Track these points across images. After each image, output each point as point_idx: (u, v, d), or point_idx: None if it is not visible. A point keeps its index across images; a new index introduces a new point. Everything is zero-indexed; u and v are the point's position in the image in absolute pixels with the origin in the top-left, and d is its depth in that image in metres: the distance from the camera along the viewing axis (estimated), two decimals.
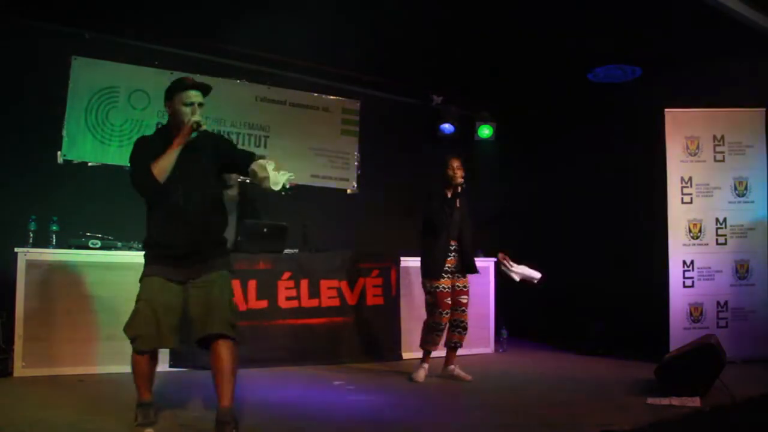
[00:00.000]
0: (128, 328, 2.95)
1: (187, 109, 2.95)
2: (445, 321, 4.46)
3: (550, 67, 6.17)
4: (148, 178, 2.88)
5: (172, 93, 3.03)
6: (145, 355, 2.96)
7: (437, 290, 4.44)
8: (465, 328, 4.58)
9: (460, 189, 4.50)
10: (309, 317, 5.08)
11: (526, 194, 7.29)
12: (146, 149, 2.99)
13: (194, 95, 2.99)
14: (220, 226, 3.15)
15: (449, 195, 4.51)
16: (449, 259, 4.53)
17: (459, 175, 4.50)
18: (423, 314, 4.67)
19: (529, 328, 6.65)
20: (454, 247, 4.56)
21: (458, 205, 4.54)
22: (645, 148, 5.90)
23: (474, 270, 4.67)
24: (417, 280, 4.74)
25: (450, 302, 4.47)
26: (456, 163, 4.54)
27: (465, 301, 4.56)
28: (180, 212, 2.95)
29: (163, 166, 2.88)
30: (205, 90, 3.05)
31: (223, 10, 5.05)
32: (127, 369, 4.27)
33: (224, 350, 2.88)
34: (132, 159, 3.03)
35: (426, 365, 4.52)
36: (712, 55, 5.52)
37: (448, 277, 4.49)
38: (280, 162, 3.30)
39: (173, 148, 2.90)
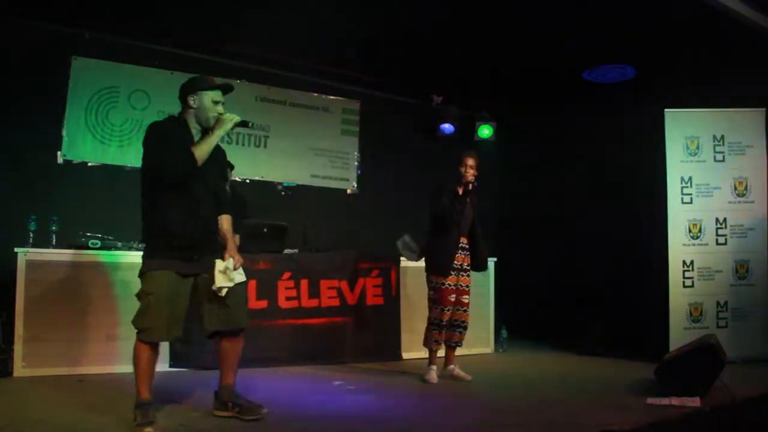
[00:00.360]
0: (139, 320, 3.01)
1: (217, 107, 3.13)
2: (447, 318, 4.45)
3: (550, 67, 6.16)
4: (189, 160, 2.98)
5: (198, 88, 3.13)
6: (150, 344, 3.03)
7: (442, 287, 4.44)
8: (465, 328, 4.60)
9: (470, 187, 4.47)
10: (309, 317, 5.08)
11: (526, 194, 7.30)
12: (173, 133, 3.07)
13: (221, 95, 3.17)
14: (218, 221, 3.29)
15: (460, 192, 4.47)
16: (458, 256, 4.53)
17: (470, 174, 4.47)
18: (423, 314, 4.67)
19: (529, 328, 6.65)
20: (463, 244, 4.56)
21: (468, 201, 4.53)
22: (645, 148, 5.90)
23: (485, 267, 4.75)
24: (416, 280, 4.74)
25: (453, 300, 4.47)
26: (470, 161, 4.49)
27: (467, 301, 4.57)
28: (199, 204, 3.08)
29: (204, 151, 3.04)
30: (228, 91, 3.25)
31: (223, 10, 5.05)
32: (126, 369, 4.30)
33: (241, 339, 3.25)
34: (159, 141, 3.03)
35: (434, 366, 4.52)
36: (712, 55, 5.52)
37: (454, 275, 4.49)
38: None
39: (213, 137, 3.07)
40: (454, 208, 4.43)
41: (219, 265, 3.10)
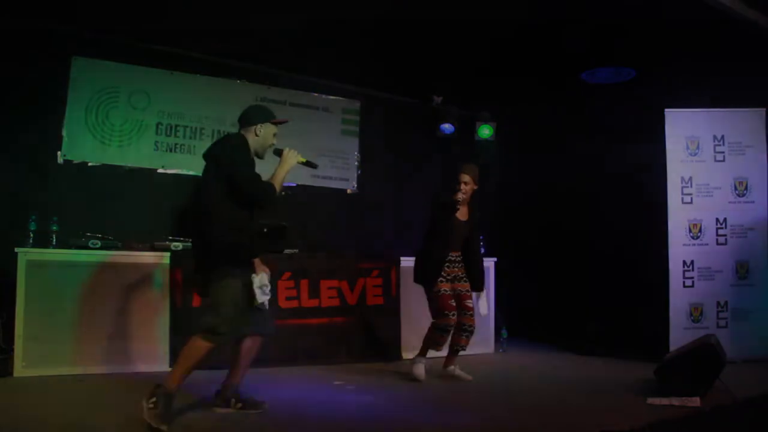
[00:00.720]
0: (223, 325, 3.07)
1: (275, 140, 3.40)
2: (453, 322, 4.40)
3: (550, 68, 6.16)
4: (275, 195, 3.25)
5: (266, 119, 3.36)
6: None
7: (439, 294, 4.42)
8: (472, 332, 4.54)
9: (457, 206, 4.38)
10: (309, 317, 5.08)
11: (526, 194, 7.30)
12: (252, 162, 3.27)
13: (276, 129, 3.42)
14: None
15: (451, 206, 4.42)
16: (448, 268, 4.50)
17: (463, 191, 4.43)
18: (422, 314, 4.66)
19: (529, 328, 6.65)
20: (454, 257, 4.54)
21: (469, 218, 4.51)
22: (645, 148, 5.90)
23: (481, 288, 4.69)
24: None
25: (454, 304, 4.44)
26: (465, 177, 4.46)
27: (470, 305, 4.54)
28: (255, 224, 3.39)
29: (280, 186, 3.31)
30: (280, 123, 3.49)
31: (224, 10, 5.05)
32: (126, 369, 4.32)
33: (260, 341, 3.43)
34: (249, 169, 3.20)
35: (423, 359, 4.49)
36: (712, 55, 5.52)
37: (447, 281, 4.48)
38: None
39: (283, 173, 3.32)
40: (448, 220, 4.41)
41: (255, 281, 3.26)
